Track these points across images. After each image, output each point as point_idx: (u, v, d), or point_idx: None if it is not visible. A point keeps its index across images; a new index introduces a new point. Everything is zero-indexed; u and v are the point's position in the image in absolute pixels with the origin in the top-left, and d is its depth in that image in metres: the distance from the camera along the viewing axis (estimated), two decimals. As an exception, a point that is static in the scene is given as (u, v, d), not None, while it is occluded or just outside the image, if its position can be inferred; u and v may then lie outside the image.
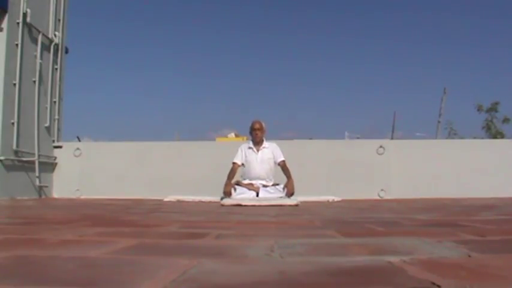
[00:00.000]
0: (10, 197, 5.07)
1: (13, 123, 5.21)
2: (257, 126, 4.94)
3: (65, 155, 6.26)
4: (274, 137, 5.13)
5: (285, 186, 4.71)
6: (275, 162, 4.92)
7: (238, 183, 4.74)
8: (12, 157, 5.22)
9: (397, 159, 6.11)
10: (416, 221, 2.26)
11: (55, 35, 6.13)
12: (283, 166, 4.90)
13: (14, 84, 5.22)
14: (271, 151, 4.92)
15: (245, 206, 3.85)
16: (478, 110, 14.98)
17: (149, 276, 0.85)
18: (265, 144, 4.96)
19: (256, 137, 4.93)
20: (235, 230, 1.84)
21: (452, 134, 14.39)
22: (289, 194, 4.61)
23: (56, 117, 6.23)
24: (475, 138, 12.51)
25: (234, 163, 4.89)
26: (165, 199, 4.90)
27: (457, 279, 0.82)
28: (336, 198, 4.91)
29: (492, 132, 14.54)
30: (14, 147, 5.22)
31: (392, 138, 10.53)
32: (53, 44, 6.09)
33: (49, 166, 6.10)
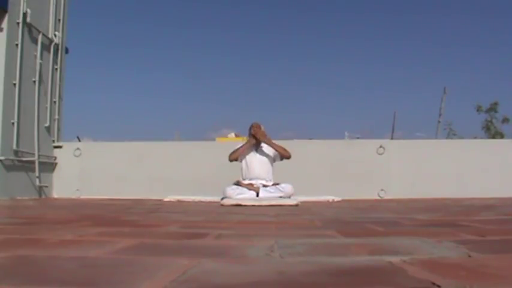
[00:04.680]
0: (10, 197, 5.07)
1: (13, 123, 5.21)
2: (256, 125, 4.97)
3: (65, 155, 6.26)
4: (274, 137, 5.12)
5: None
6: (277, 156, 4.95)
7: (238, 183, 4.74)
8: (12, 157, 5.22)
9: (397, 159, 6.11)
10: (416, 221, 2.26)
11: (55, 35, 6.13)
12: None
13: (14, 84, 5.22)
14: (270, 149, 4.93)
15: (245, 206, 3.85)
16: (478, 110, 14.99)
17: (149, 276, 0.85)
18: (264, 144, 4.96)
19: (253, 131, 4.94)
20: (235, 230, 1.84)
21: (451, 135, 14.39)
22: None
23: (56, 117, 6.23)
24: (475, 138, 12.50)
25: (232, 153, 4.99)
26: (165, 199, 4.90)
27: (457, 279, 0.82)
28: (336, 198, 4.91)
29: (491, 132, 14.55)
30: (14, 147, 5.23)
31: (392, 138, 10.53)
32: (53, 44, 6.09)
33: (49, 166, 6.10)
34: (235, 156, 4.90)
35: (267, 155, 4.91)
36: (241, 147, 4.93)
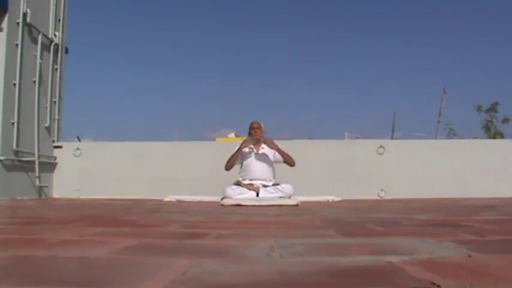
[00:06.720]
0: (10, 197, 5.07)
1: (13, 123, 5.21)
2: (256, 125, 4.98)
3: (65, 155, 6.26)
4: (274, 137, 5.12)
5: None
6: (278, 158, 4.95)
7: (238, 183, 4.74)
8: (12, 157, 5.22)
9: (397, 159, 6.11)
10: (416, 221, 2.26)
11: (55, 35, 6.13)
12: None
13: (14, 84, 5.22)
14: (271, 150, 4.92)
15: (245, 206, 3.85)
16: (478, 110, 15.01)
17: (149, 276, 0.85)
18: (264, 144, 4.96)
19: (256, 135, 4.93)
20: (235, 230, 1.84)
21: (451, 135, 14.40)
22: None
23: (56, 117, 6.23)
24: (475, 138, 12.50)
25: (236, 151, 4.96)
26: (165, 199, 4.90)
27: (457, 279, 0.82)
28: (336, 198, 4.91)
29: (491, 132, 14.55)
30: (14, 147, 5.22)
31: (392, 138, 10.52)
32: (53, 44, 6.09)
33: (49, 166, 6.10)
34: (231, 165, 4.89)
35: (267, 155, 4.91)
36: (235, 152, 4.89)
